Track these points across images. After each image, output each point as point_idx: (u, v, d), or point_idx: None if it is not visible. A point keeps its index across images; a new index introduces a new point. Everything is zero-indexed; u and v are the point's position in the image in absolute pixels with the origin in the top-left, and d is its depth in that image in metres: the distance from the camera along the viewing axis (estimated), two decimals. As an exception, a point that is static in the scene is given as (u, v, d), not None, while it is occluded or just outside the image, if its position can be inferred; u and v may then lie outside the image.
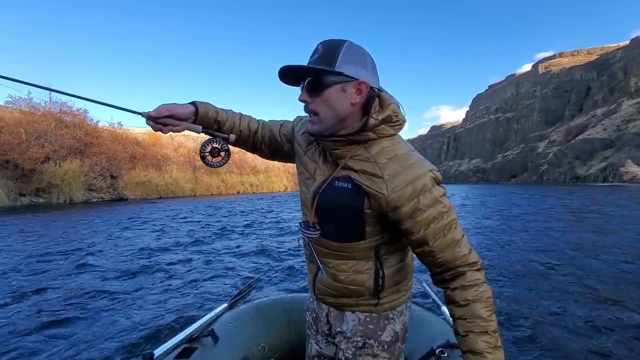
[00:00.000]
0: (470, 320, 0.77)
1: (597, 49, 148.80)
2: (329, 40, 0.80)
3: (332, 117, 0.81)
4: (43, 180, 20.76)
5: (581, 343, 2.67)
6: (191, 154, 42.21)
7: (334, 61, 0.77)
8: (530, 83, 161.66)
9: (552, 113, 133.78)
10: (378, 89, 0.84)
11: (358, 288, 0.90)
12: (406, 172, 0.78)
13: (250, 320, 1.47)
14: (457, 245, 0.79)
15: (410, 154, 0.82)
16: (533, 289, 3.94)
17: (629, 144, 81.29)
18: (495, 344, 0.76)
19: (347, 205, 0.83)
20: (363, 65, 0.80)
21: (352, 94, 0.79)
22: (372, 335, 0.91)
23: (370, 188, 0.80)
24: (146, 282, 4.25)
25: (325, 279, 0.94)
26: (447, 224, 0.78)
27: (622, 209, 14.06)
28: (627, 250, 5.96)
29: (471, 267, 0.79)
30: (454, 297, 0.80)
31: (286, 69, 0.80)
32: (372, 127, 0.82)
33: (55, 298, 3.62)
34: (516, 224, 9.89)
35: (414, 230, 0.79)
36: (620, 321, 3.03)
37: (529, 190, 40.35)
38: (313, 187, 0.91)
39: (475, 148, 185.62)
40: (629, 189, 40.93)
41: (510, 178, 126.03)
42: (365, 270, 0.89)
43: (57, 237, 7.74)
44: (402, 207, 0.77)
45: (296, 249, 6.28)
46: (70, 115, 25.86)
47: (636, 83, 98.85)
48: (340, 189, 0.84)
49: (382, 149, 0.82)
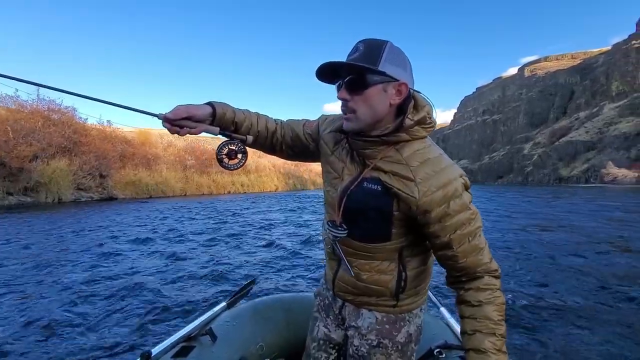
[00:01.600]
0: (480, 320, 0.77)
1: (580, 54, 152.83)
2: (371, 40, 0.79)
3: (370, 116, 0.82)
4: (31, 179, 20.46)
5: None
6: (181, 153, 41.92)
7: (378, 60, 0.77)
8: (516, 86, 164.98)
9: (537, 115, 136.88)
10: (414, 90, 0.85)
11: (380, 288, 0.90)
12: (438, 176, 0.78)
13: (248, 319, 1.46)
14: (480, 252, 0.80)
15: (441, 157, 0.82)
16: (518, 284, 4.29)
17: (610, 147, 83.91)
18: (501, 348, 0.75)
19: (375, 207, 0.83)
20: (403, 66, 0.81)
21: (392, 94, 0.80)
22: (387, 335, 0.91)
23: (401, 191, 0.79)
24: (142, 281, 4.22)
25: (346, 277, 0.94)
26: (473, 230, 0.79)
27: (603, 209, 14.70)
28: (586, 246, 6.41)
29: (490, 273, 0.80)
30: (466, 297, 0.81)
31: (326, 66, 0.80)
32: (407, 129, 0.82)
33: (49, 298, 3.59)
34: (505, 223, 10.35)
35: (441, 234, 0.79)
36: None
37: (513, 189, 41.20)
38: (341, 186, 0.91)
39: (463, 149, 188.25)
40: (608, 189, 42.32)
41: (496, 179, 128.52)
42: (389, 272, 0.89)
43: (48, 236, 7.74)
44: (432, 211, 0.78)
45: (295, 248, 6.28)
46: (58, 113, 25.51)
47: (617, 87, 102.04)
48: (370, 190, 0.84)
49: (414, 152, 0.82)
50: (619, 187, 52.70)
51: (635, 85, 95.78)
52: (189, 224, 10.07)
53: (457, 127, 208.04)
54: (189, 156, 41.15)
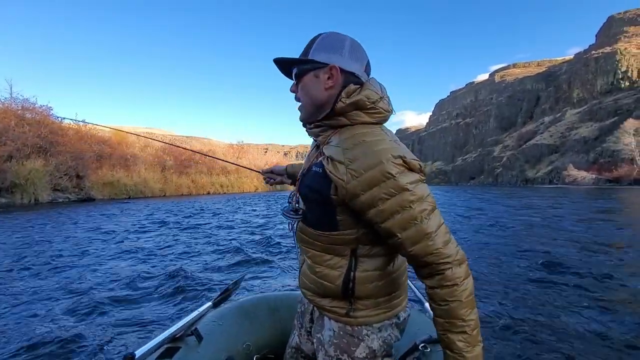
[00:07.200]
0: (448, 320, 0.74)
1: (546, 62, 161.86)
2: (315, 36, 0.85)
3: (310, 103, 0.85)
4: (6, 179, 20.08)
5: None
6: (159, 153, 41.42)
7: (309, 51, 0.83)
8: (487, 91, 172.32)
9: (506, 119, 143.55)
10: (355, 74, 0.83)
11: (329, 285, 0.87)
12: (367, 157, 0.73)
13: (234, 318, 1.46)
14: (428, 238, 0.73)
15: (379, 141, 0.76)
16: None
17: (572, 150, 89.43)
18: (473, 342, 0.73)
19: (317, 190, 0.82)
20: (337, 50, 0.82)
21: (325, 79, 0.81)
22: (345, 350, 0.87)
23: (333, 174, 0.77)
24: (125, 282, 4.15)
25: (306, 271, 0.94)
26: (415, 214, 0.72)
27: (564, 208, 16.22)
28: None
29: (448, 263, 0.73)
30: (432, 296, 0.77)
31: (275, 63, 0.87)
32: (343, 112, 0.81)
33: (28, 301, 3.53)
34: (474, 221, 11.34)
35: (378, 220, 0.75)
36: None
37: (482, 190, 43.25)
38: (300, 173, 0.94)
39: (437, 151, 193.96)
40: (568, 190, 45.32)
41: (469, 180, 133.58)
42: (338, 268, 0.85)
43: (31, 236, 7.75)
44: (362, 194, 0.73)
45: (282, 247, 6.34)
46: (32, 112, 24.96)
47: (578, 94, 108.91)
48: (314, 174, 0.84)
49: (352, 135, 0.79)
50: (578, 188, 56.53)
51: (594, 92, 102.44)
52: (172, 225, 10.07)
53: (432, 130, 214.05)
54: (167, 157, 40.77)
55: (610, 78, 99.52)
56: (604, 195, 27.25)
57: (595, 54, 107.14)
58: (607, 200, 21.42)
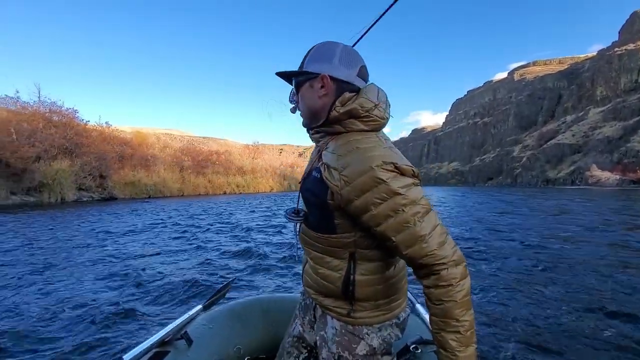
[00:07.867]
0: (443, 319, 0.75)
1: (567, 59, 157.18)
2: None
3: (307, 113, 0.90)
4: (34, 179, 20.96)
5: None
6: (177, 153, 42.45)
7: (303, 63, 0.87)
8: (506, 89, 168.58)
9: (526, 118, 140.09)
10: (348, 81, 0.85)
11: (330, 286, 0.90)
12: (359, 163, 0.75)
13: (225, 321, 1.44)
14: (422, 240, 0.74)
15: (374, 147, 0.78)
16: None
17: (595, 150, 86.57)
18: (467, 342, 0.74)
19: (316, 194, 0.85)
20: (328, 60, 0.84)
21: (318, 88, 0.84)
22: (347, 348, 0.90)
23: (328, 180, 0.79)
24: (118, 283, 4.13)
25: (309, 270, 0.97)
26: (408, 217, 0.74)
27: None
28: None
29: (444, 264, 0.74)
30: (428, 295, 0.78)
31: (279, 76, 0.93)
32: (337, 120, 0.83)
33: (23, 300, 3.54)
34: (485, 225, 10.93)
35: (372, 224, 0.77)
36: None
37: (503, 191, 41.95)
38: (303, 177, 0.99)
39: (454, 151, 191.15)
40: (592, 191, 43.73)
41: (487, 180, 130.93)
42: (338, 270, 0.88)
43: (45, 235, 7.94)
44: (355, 200, 0.76)
45: (274, 248, 6.27)
46: (59, 115, 25.97)
47: (602, 92, 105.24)
48: (313, 179, 0.87)
49: (347, 142, 0.81)
50: (602, 190, 54.54)
51: (617, 90, 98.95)
52: (175, 226, 10.28)
53: (448, 130, 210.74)
54: (185, 157, 41.73)
55: (634, 76, 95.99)
56: (633, 197, 26.03)
57: (618, 51, 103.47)
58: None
